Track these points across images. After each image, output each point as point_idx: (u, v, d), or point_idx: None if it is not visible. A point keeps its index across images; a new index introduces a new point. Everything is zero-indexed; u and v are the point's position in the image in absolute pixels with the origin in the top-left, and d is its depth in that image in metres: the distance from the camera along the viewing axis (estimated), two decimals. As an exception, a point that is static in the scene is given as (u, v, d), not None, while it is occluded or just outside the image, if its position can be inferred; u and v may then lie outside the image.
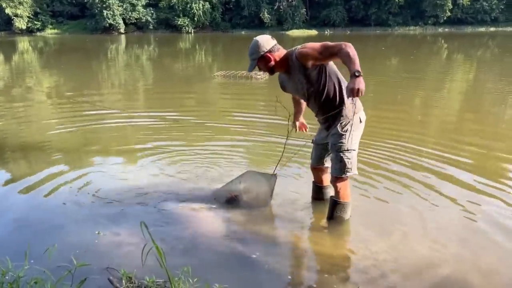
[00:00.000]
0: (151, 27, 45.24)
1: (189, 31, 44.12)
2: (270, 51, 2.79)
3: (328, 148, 3.06)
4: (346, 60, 2.49)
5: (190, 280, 2.14)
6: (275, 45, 2.82)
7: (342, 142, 2.85)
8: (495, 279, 2.50)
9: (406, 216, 3.25)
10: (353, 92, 2.41)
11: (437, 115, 7.40)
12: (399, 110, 7.69)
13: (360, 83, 2.40)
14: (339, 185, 2.94)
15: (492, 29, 42.39)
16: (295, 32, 42.40)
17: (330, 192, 3.35)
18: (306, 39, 34.52)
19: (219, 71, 12.37)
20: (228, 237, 2.94)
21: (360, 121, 2.91)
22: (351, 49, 2.49)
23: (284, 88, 3.10)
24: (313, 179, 3.41)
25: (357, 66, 2.44)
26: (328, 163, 3.16)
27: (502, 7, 42.82)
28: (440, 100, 8.75)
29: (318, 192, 3.41)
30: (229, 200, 3.45)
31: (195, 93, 10.03)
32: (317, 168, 3.27)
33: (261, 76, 11.38)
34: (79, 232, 3.00)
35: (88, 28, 45.07)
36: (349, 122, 2.83)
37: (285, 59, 2.83)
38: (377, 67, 14.93)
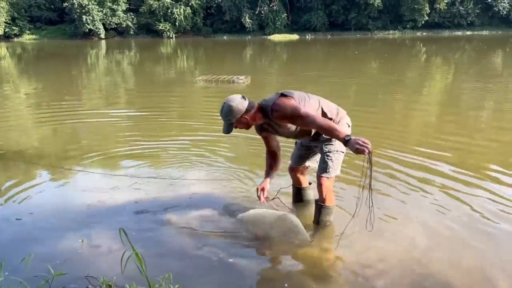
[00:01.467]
0: (131, 32, 44.81)
1: (171, 36, 43.85)
2: (245, 113, 2.74)
3: (312, 151, 3.11)
4: (325, 129, 2.59)
5: (171, 287, 2.11)
6: (248, 104, 2.75)
7: (332, 144, 2.92)
8: (475, 276, 2.53)
9: (391, 215, 3.27)
10: (363, 152, 2.43)
11: (417, 114, 7.52)
12: (379, 112, 7.78)
13: (357, 143, 2.43)
14: (323, 187, 2.93)
15: (468, 32, 43.31)
16: (277, 37, 42.59)
17: (310, 193, 3.37)
18: (288, 43, 34.75)
19: (201, 75, 12.34)
20: (210, 243, 2.91)
21: (348, 126, 2.98)
22: (325, 120, 2.61)
23: (264, 131, 3.01)
24: (292, 182, 3.42)
25: (341, 132, 2.52)
26: (309, 162, 3.20)
27: (478, 11, 43.83)
28: (419, 100, 8.90)
29: (298, 194, 3.42)
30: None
31: (176, 97, 9.99)
32: (295, 169, 3.28)
33: (243, 80, 11.39)
34: (58, 241, 2.93)
35: (67, 34, 44.37)
36: None
37: (261, 116, 2.82)
38: (358, 70, 15.11)
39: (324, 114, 2.84)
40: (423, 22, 43.48)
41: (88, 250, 2.80)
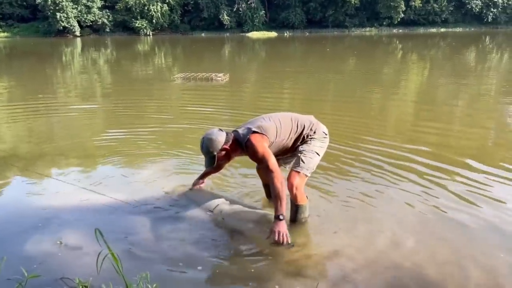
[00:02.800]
0: (107, 29, 44.02)
1: (148, 33, 43.30)
2: (225, 143, 2.87)
3: (282, 157, 3.19)
4: (273, 195, 2.75)
5: (149, 286, 2.09)
6: (226, 136, 2.88)
7: (308, 144, 3.02)
8: (449, 269, 2.59)
9: (366, 211, 3.32)
10: (279, 237, 2.66)
11: (395, 109, 7.64)
12: (356, 105, 7.87)
13: (280, 231, 2.67)
14: (293, 184, 2.92)
15: (442, 29, 44.21)
16: (255, 34, 42.56)
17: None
18: (266, 41, 34.77)
19: (179, 73, 12.23)
20: (187, 241, 2.89)
21: (326, 134, 3.10)
22: (281, 186, 2.73)
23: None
24: (262, 182, 3.44)
25: (282, 209, 2.69)
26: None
27: (451, 8, 44.78)
28: (396, 95, 9.05)
29: (269, 191, 3.42)
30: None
31: (154, 94, 9.87)
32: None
33: (222, 78, 11.35)
34: (32, 243, 2.86)
35: (40, 31, 43.28)
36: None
37: (237, 148, 2.95)
38: (336, 67, 15.25)
39: (300, 128, 3.00)
40: (399, 19, 44.17)
41: (63, 252, 2.74)
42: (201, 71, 12.23)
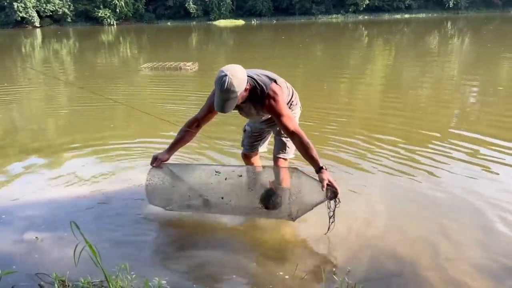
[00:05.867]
0: (69, 19, 42.61)
1: (111, 23, 42.18)
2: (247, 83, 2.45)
3: (262, 136, 3.10)
4: (308, 148, 2.43)
5: (129, 277, 2.08)
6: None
7: None
8: (420, 245, 2.69)
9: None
10: (334, 185, 2.39)
11: (362, 95, 7.78)
12: (324, 95, 7.97)
13: (329, 179, 2.39)
14: (281, 171, 2.94)
15: (406, 16, 45.16)
16: (222, 22, 42.21)
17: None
18: (234, 29, 34.52)
19: (146, 63, 12.00)
20: (165, 231, 2.88)
21: (300, 110, 2.99)
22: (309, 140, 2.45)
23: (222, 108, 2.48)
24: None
25: (319, 159, 2.42)
26: (260, 148, 3.19)
27: (415, -6, 45.88)
28: (363, 81, 9.21)
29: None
30: (266, 194, 2.71)
31: (120, 86, 9.65)
32: (248, 155, 3.25)
33: (190, 67, 11.22)
34: (5, 239, 2.77)
35: (-3, 22, 41.50)
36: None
37: (249, 96, 2.51)
38: (303, 55, 15.34)
39: (290, 94, 2.77)
40: (364, 6, 44.81)
41: (39, 247, 2.67)
42: (169, 60, 12.05)
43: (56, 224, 2.93)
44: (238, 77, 2.36)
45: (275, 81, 2.55)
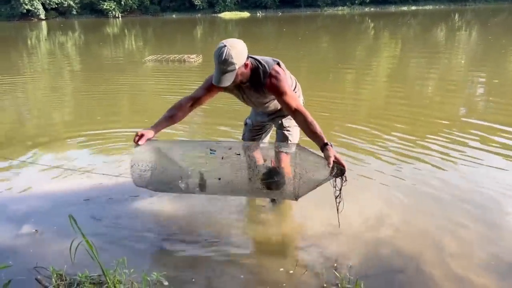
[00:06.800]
0: (74, 12, 42.57)
1: (117, 15, 42.10)
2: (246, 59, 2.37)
3: (264, 129, 3.04)
4: (312, 126, 2.33)
5: (127, 271, 2.05)
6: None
7: (291, 119, 2.77)
8: (425, 241, 2.65)
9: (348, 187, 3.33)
10: (340, 161, 2.26)
11: (369, 88, 7.69)
12: (331, 88, 7.89)
13: (335, 155, 2.25)
14: (283, 163, 2.88)
15: (413, 7, 44.61)
16: (227, 14, 41.96)
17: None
18: (239, 21, 34.34)
19: (150, 55, 11.96)
20: (164, 225, 2.85)
21: (303, 102, 2.91)
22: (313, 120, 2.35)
23: (226, 89, 2.57)
24: None
25: (323, 136, 2.30)
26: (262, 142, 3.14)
27: (422, -14, 45.28)
28: (369, 74, 9.11)
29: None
30: (269, 173, 2.55)
31: (125, 78, 9.62)
32: None
33: (194, 59, 11.16)
34: (3, 234, 2.77)
35: (3, 15, 41.47)
36: None
37: (249, 75, 2.44)
38: (309, 48, 15.22)
39: (293, 84, 2.73)
40: (370, -3, 44.32)
41: (37, 241, 2.66)
42: (173, 53, 12.00)
43: (54, 218, 2.92)
44: (238, 49, 2.29)
45: (278, 64, 2.50)
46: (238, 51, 2.29)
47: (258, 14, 42.61)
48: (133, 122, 5.53)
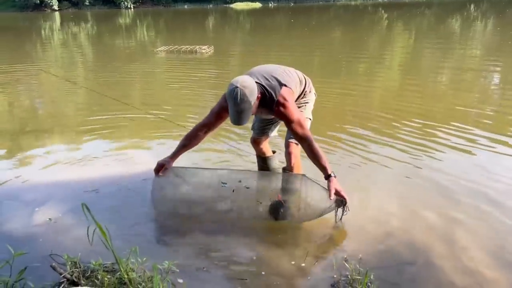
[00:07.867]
0: (87, 3, 42.76)
1: (129, 6, 42.19)
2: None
3: (273, 121, 3.04)
4: (318, 155, 2.48)
5: (139, 260, 2.08)
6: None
7: (301, 112, 2.81)
8: (435, 232, 2.64)
9: (353, 180, 3.34)
10: (341, 194, 2.50)
11: (381, 79, 7.63)
12: (344, 81, 7.84)
13: (337, 188, 2.49)
14: (292, 154, 2.87)
15: (428, -2, 43.90)
16: (239, 5, 41.78)
17: (275, 161, 3.33)
18: (251, 12, 34.16)
19: (162, 46, 11.98)
20: (176, 215, 2.87)
21: (315, 95, 2.96)
22: (317, 147, 2.50)
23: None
24: (256, 153, 3.38)
25: (328, 167, 2.49)
26: (271, 132, 3.14)
27: (437, -24, 44.44)
28: (383, 64, 9.02)
29: (263, 164, 3.38)
30: (275, 206, 2.69)
31: (137, 68, 9.67)
32: (258, 140, 3.21)
33: (206, 50, 11.16)
34: (19, 221, 2.82)
35: (17, 6, 41.89)
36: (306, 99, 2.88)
37: (260, 102, 2.50)
38: (321, 39, 15.10)
39: (302, 85, 2.78)
40: (384, -12, 43.65)
41: (52, 229, 2.71)
42: (184, 43, 12.01)
43: (69, 206, 2.97)
44: (249, 87, 2.35)
45: (285, 85, 2.54)
46: (250, 89, 2.34)
47: (270, 5, 42.31)
48: (144, 109, 5.57)
